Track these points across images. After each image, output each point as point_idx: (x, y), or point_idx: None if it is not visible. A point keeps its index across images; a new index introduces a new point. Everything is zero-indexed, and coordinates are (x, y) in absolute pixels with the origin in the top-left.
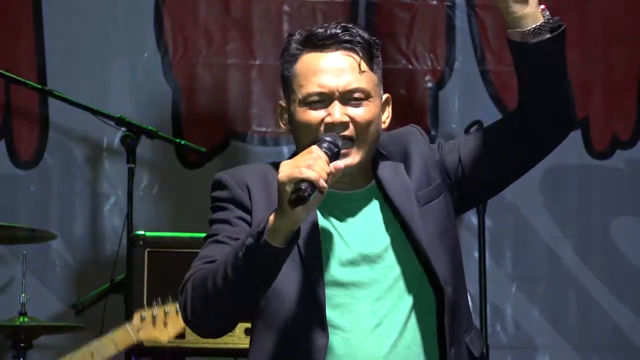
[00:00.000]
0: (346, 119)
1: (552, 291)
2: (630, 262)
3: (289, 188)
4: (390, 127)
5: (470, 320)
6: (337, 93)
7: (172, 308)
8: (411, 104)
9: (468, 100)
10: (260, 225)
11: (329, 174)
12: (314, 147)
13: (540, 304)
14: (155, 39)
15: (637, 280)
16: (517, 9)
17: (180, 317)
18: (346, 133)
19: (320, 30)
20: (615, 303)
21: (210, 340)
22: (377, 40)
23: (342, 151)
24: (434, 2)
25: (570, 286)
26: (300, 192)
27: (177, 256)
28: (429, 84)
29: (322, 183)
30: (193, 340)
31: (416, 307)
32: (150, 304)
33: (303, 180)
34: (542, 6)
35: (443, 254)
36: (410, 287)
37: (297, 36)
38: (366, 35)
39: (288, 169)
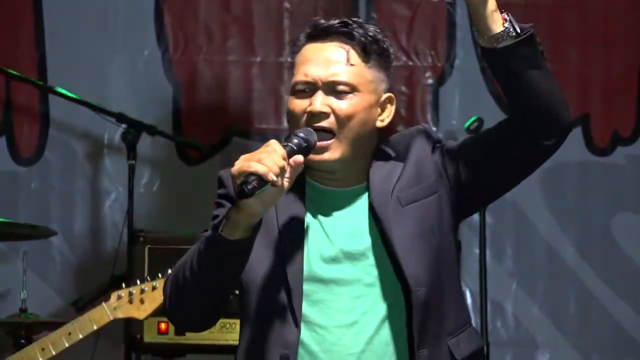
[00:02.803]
0: (327, 109)
1: (553, 288)
2: (632, 259)
3: (238, 181)
4: (390, 123)
5: (460, 321)
6: (320, 83)
7: (149, 286)
8: (412, 101)
9: (468, 97)
10: (219, 218)
11: (282, 168)
12: (272, 141)
13: (541, 301)
14: (156, 35)
15: (638, 278)
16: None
17: (156, 294)
18: (324, 124)
19: (322, 21)
20: (616, 301)
21: (212, 337)
22: (379, 38)
23: (322, 144)
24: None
25: (570, 283)
26: (245, 185)
27: (176, 252)
28: (430, 81)
29: (271, 177)
30: (194, 337)
31: (394, 306)
32: None
33: (251, 173)
34: (503, 15)
35: (420, 254)
36: (390, 287)
37: (307, 28)
38: (369, 31)
39: (240, 162)
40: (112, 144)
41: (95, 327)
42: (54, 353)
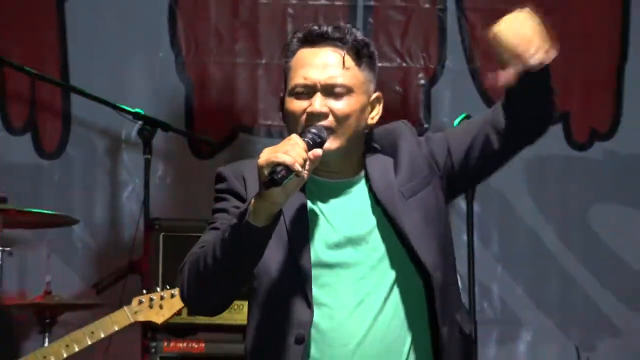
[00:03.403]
0: (325, 109)
1: (535, 271)
2: (608, 245)
3: (266, 171)
4: (387, 120)
5: (460, 298)
6: (319, 85)
7: (168, 293)
8: (406, 99)
9: (458, 96)
10: (243, 208)
11: (305, 160)
12: (294, 135)
13: (524, 283)
14: (170, 39)
15: (613, 261)
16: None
17: (174, 301)
18: (325, 123)
19: (315, 28)
20: (594, 283)
21: (221, 317)
22: (368, 42)
23: (325, 135)
24: (427, 6)
25: (551, 266)
26: (274, 175)
27: (189, 239)
28: (422, 81)
29: (297, 167)
30: (205, 317)
31: (398, 284)
32: (165, 283)
33: (279, 164)
34: None
35: (430, 241)
36: (392, 267)
37: (298, 34)
38: (358, 36)
39: (267, 154)
40: (129, 139)
41: (116, 328)
42: (77, 349)
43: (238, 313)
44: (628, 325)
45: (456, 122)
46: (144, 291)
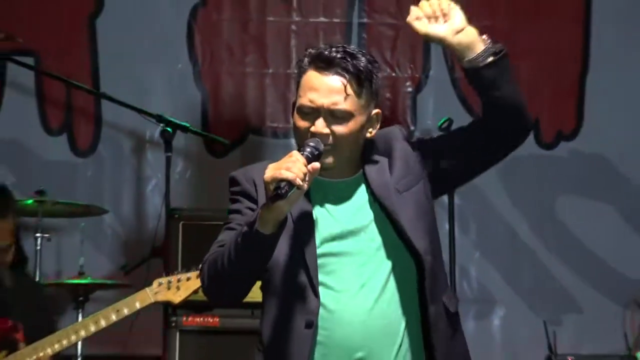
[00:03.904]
0: (327, 131)
1: (509, 256)
2: (573, 233)
3: (271, 187)
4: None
5: (446, 282)
6: (323, 109)
7: (184, 276)
8: (395, 105)
9: (441, 102)
10: (253, 216)
11: (305, 174)
12: (294, 152)
13: (499, 266)
14: (188, 52)
15: (578, 247)
16: (460, 38)
17: (190, 283)
18: (328, 143)
19: (325, 52)
20: (560, 266)
21: None
22: (370, 69)
23: (323, 148)
24: None
25: (522, 252)
26: (279, 190)
27: (205, 227)
28: (409, 89)
29: (299, 182)
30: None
31: (394, 271)
32: (183, 266)
33: (282, 180)
34: (484, 36)
35: (422, 230)
36: (389, 256)
37: (311, 51)
38: (361, 64)
39: (271, 171)
40: (152, 139)
41: (138, 306)
42: (104, 325)
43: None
44: (589, 303)
45: (439, 123)
46: (164, 274)
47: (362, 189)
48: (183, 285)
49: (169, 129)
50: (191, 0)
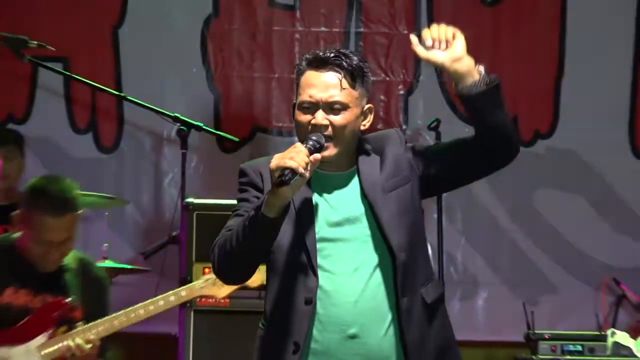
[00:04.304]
0: (326, 122)
1: (491, 243)
2: (548, 221)
3: (276, 174)
4: (374, 122)
5: (428, 274)
6: (321, 103)
7: None
8: (388, 106)
9: (430, 104)
10: (259, 202)
11: (307, 163)
12: (298, 143)
13: (482, 252)
14: (202, 58)
15: (552, 234)
16: (457, 66)
17: None
18: (326, 133)
19: (320, 53)
20: (536, 251)
21: None
22: (362, 66)
23: (325, 145)
24: (405, 32)
25: (504, 239)
26: (283, 177)
27: (217, 216)
28: (402, 92)
29: (301, 170)
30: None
31: (379, 261)
32: (198, 252)
33: (286, 168)
34: (480, 66)
35: (401, 227)
36: (376, 247)
37: (307, 56)
38: (353, 62)
39: (276, 160)
40: (169, 137)
41: (188, 298)
42: (152, 311)
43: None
44: (563, 285)
45: (428, 123)
46: (193, 253)
47: (356, 182)
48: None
49: (184, 128)
50: (204, 12)
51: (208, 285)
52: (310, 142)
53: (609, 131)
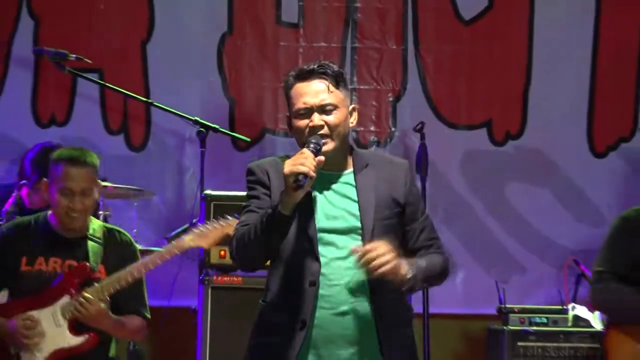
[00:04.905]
0: (321, 122)
1: (468, 230)
2: (518, 211)
3: (291, 179)
4: (367, 124)
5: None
6: (315, 107)
7: (213, 225)
8: (379, 111)
9: (415, 109)
10: (275, 202)
11: (315, 166)
12: (305, 149)
13: (460, 238)
14: (218, 70)
15: (522, 222)
16: (393, 278)
17: (217, 232)
18: (323, 132)
19: (305, 67)
20: (506, 236)
21: None
22: (342, 72)
23: (323, 142)
24: (394, 47)
25: (479, 227)
26: (299, 182)
27: (231, 206)
28: (391, 98)
29: (312, 174)
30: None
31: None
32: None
33: (300, 173)
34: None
35: (379, 229)
36: (363, 240)
37: (292, 72)
38: (334, 69)
39: (289, 166)
40: (190, 138)
41: (177, 250)
42: (159, 262)
43: None
44: (530, 265)
45: (414, 126)
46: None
47: (351, 181)
48: (211, 234)
49: (203, 129)
50: (220, 30)
51: (195, 239)
52: (312, 146)
53: (570, 133)
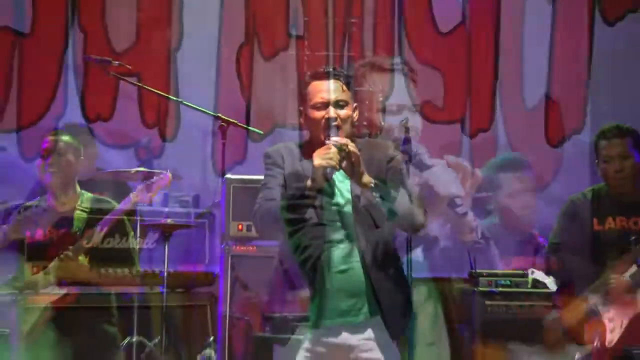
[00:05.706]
0: (336, 115)
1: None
2: (487, 194)
3: (319, 172)
4: (360, 119)
5: (396, 258)
6: (330, 101)
7: (155, 180)
8: (371, 109)
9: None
10: (301, 186)
11: (339, 160)
12: (331, 146)
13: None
14: (236, 73)
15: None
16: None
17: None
18: (336, 123)
19: (321, 70)
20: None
21: None
22: (350, 75)
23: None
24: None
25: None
26: (327, 175)
27: (247, 189)
28: (380, 98)
29: (338, 167)
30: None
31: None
32: (234, 214)
33: (328, 166)
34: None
35: (371, 223)
36: (355, 212)
37: (309, 73)
38: (345, 73)
39: (319, 160)
40: (213, 130)
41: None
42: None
43: None
44: (497, 238)
45: (400, 121)
46: (230, 215)
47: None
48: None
49: (224, 124)
50: (238, 40)
51: (139, 193)
52: (332, 141)
53: (530, 126)
